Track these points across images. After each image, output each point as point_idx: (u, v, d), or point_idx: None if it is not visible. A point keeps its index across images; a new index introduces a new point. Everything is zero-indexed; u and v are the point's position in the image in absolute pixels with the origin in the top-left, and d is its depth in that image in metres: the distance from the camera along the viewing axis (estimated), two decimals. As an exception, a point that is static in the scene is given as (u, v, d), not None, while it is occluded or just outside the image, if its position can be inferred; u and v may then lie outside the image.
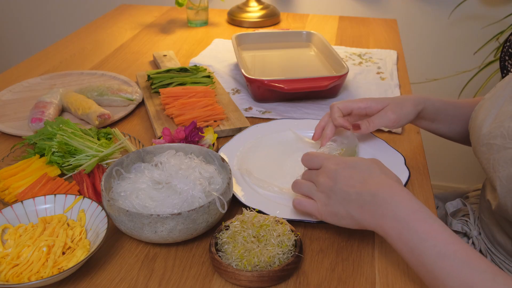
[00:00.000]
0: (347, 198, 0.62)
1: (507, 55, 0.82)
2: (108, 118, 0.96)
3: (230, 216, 0.71)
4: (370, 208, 0.60)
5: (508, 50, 0.82)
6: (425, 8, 1.85)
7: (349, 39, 1.52)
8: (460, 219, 0.92)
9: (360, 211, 0.61)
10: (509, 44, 0.82)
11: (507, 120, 0.71)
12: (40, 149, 0.82)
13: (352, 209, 0.62)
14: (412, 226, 0.56)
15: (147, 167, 0.73)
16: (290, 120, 0.96)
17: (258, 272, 0.59)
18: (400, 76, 1.24)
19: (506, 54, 0.82)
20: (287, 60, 1.26)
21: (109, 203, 0.65)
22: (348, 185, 0.63)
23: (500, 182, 0.69)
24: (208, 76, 1.15)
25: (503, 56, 0.83)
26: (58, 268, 0.61)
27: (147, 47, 1.43)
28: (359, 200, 0.61)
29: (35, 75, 1.23)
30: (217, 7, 1.91)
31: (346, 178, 0.63)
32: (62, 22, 2.24)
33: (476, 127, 0.78)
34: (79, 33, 1.55)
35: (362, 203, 0.61)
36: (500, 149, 0.70)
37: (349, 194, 0.62)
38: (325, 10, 1.92)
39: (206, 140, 0.86)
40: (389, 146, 0.87)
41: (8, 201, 0.74)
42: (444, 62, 1.93)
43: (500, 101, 0.75)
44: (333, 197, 0.64)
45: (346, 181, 0.63)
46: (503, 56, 0.83)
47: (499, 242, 0.83)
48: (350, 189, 0.62)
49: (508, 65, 0.82)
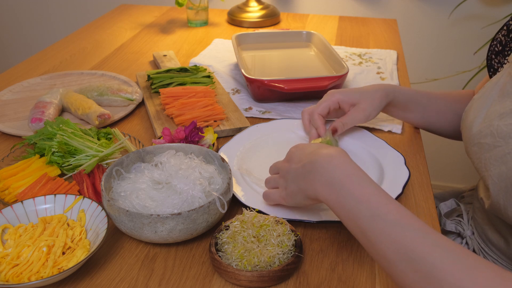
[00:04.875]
0: (296, 173, 0.64)
1: (494, 54, 0.83)
2: (108, 118, 0.96)
3: (230, 216, 0.71)
4: (311, 176, 0.61)
5: (495, 49, 0.82)
6: (425, 8, 1.85)
7: (349, 39, 1.52)
8: (454, 219, 0.93)
9: (304, 181, 0.63)
10: (496, 43, 0.82)
11: (496, 119, 0.71)
12: (40, 149, 0.82)
13: (300, 182, 0.64)
14: (347, 188, 0.57)
15: (147, 167, 0.73)
16: (290, 120, 0.97)
17: (258, 272, 0.59)
18: (400, 76, 1.24)
19: (493, 52, 0.83)
20: (287, 60, 1.26)
21: (109, 203, 0.65)
22: (299, 161, 0.65)
23: (492, 181, 0.70)
24: (208, 76, 1.15)
25: (490, 55, 0.83)
26: (58, 268, 0.61)
27: (147, 47, 1.43)
28: (303, 171, 0.63)
29: (35, 75, 1.23)
30: (217, 7, 1.91)
31: (299, 155, 0.66)
32: (62, 22, 2.24)
33: (466, 127, 0.78)
34: (79, 33, 1.55)
35: (306, 173, 0.62)
36: (490, 148, 0.71)
37: (297, 169, 0.64)
38: (325, 10, 1.92)
39: (206, 140, 0.86)
40: (389, 146, 0.87)
41: (8, 201, 0.74)
42: (444, 62, 1.93)
43: (489, 101, 0.75)
44: (289, 178, 0.66)
45: (298, 158, 0.65)
46: (489, 55, 0.83)
47: (491, 241, 0.83)
48: (299, 164, 0.64)
49: (494, 64, 0.83)
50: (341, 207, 0.58)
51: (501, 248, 0.81)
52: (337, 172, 0.59)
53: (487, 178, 0.71)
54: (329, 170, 0.60)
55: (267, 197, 0.71)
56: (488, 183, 0.71)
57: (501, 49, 0.81)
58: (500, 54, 0.82)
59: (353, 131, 0.92)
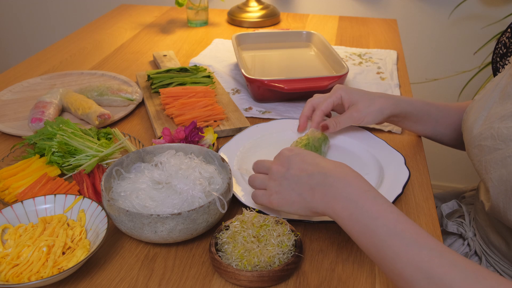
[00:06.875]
0: (298, 182, 0.62)
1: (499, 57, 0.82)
2: (108, 118, 0.96)
3: (230, 216, 0.71)
4: (321, 189, 0.60)
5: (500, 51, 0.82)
6: (425, 8, 1.85)
7: (349, 39, 1.52)
8: (456, 220, 0.92)
9: (311, 193, 0.61)
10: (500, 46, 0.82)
11: (497, 121, 0.71)
12: (40, 149, 0.82)
13: (304, 192, 0.62)
14: (363, 205, 0.56)
15: (147, 167, 0.73)
16: (290, 120, 0.96)
17: (258, 272, 0.59)
18: (400, 76, 1.24)
19: (498, 55, 0.82)
20: (287, 60, 1.26)
21: (109, 203, 0.65)
22: (300, 169, 0.63)
23: (492, 184, 0.70)
24: (208, 76, 1.15)
25: (495, 57, 0.83)
26: (58, 268, 0.61)
27: (147, 47, 1.43)
28: (310, 181, 0.61)
29: (35, 75, 1.23)
30: (217, 7, 1.91)
31: (298, 162, 0.64)
32: (62, 22, 2.24)
33: (467, 129, 0.78)
34: (79, 33, 1.55)
35: (314, 184, 0.61)
36: (491, 151, 0.70)
37: (300, 177, 0.62)
38: (325, 10, 1.92)
39: (206, 140, 0.86)
40: (389, 146, 0.87)
41: (8, 201, 0.74)
42: (444, 62, 1.93)
43: (490, 102, 0.75)
44: (284, 183, 0.64)
45: (298, 165, 0.63)
46: (494, 58, 0.83)
47: (493, 243, 0.83)
48: (301, 173, 0.62)
49: (499, 67, 0.83)
50: (354, 224, 0.57)
51: (503, 251, 0.81)
52: (352, 188, 0.58)
53: (487, 181, 0.71)
54: (344, 185, 0.59)
55: (255, 199, 0.68)
56: (488, 185, 0.70)
57: (506, 51, 0.81)
58: (504, 57, 0.81)
59: (353, 131, 0.92)
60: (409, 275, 0.51)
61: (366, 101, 0.85)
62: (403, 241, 0.53)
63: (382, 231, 0.54)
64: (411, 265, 0.51)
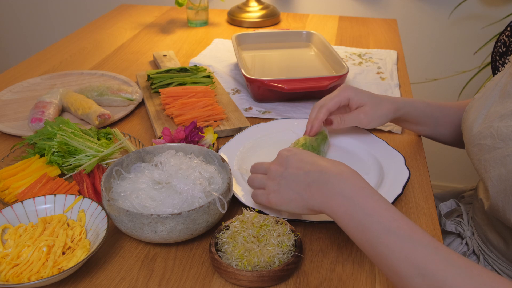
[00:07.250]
0: (296, 180, 0.63)
1: (498, 56, 0.82)
2: (108, 118, 0.96)
3: (230, 216, 0.71)
4: (317, 186, 0.61)
5: (499, 50, 0.82)
6: (425, 8, 1.85)
7: (349, 39, 1.52)
8: (454, 219, 0.93)
9: (308, 190, 0.62)
10: (500, 45, 0.82)
11: (496, 120, 0.71)
12: (40, 149, 0.82)
13: (301, 190, 0.62)
14: (358, 202, 0.57)
15: (147, 167, 0.73)
16: (290, 120, 0.96)
17: (258, 272, 0.59)
18: (400, 76, 1.24)
19: (497, 54, 0.82)
20: (287, 60, 1.26)
21: (109, 203, 0.65)
22: (297, 168, 0.64)
23: (491, 183, 0.70)
24: (208, 76, 1.15)
25: (494, 56, 0.83)
26: (58, 268, 0.61)
27: (147, 47, 1.43)
28: (307, 179, 0.62)
29: (35, 75, 1.23)
30: (217, 7, 1.91)
31: (296, 161, 0.64)
32: (62, 22, 2.24)
33: (467, 127, 0.78)
34: (79, 33, 1.55)
35: (310, 181, 0.61)
36: (490, 150, 0.70)
37: (297, 176, 0.63)
38: (325, 10, 1.92)
39: (206, 140, 0.86)
40: (389, 146, 0.87)
41: (8, 201, 0.74)
42: (444, 62, 1.93)
43: (490, 101, 0.75)
44: (282, 182, 0.65)
45: (295, 164, 0.64)
46: (494, 57, 0.83)
47: (491, 242, 0.83)
48: (298, 171, 0.63)
49: (499, 65, 0.83)
50: (349, 220, 0.57)
51: (501, 250, 0.81)
52: (347, 185, 0.59)
53: (486, 180, 0.71)
54: (340, 182, 0.59)
55: (255, 198, 0.69)
56: (488, 184, 0.71)
57: (505, 50, 0.81)
58: (504, 55, 0.82)
59: (353, 131, 0.92)
60: (403, 271, 0.52)
61: (374, 105, 0.84)
62: (398, 238, 0.53)
63: (377, 228, 0.55)
64: (405, 261, 0.52)
